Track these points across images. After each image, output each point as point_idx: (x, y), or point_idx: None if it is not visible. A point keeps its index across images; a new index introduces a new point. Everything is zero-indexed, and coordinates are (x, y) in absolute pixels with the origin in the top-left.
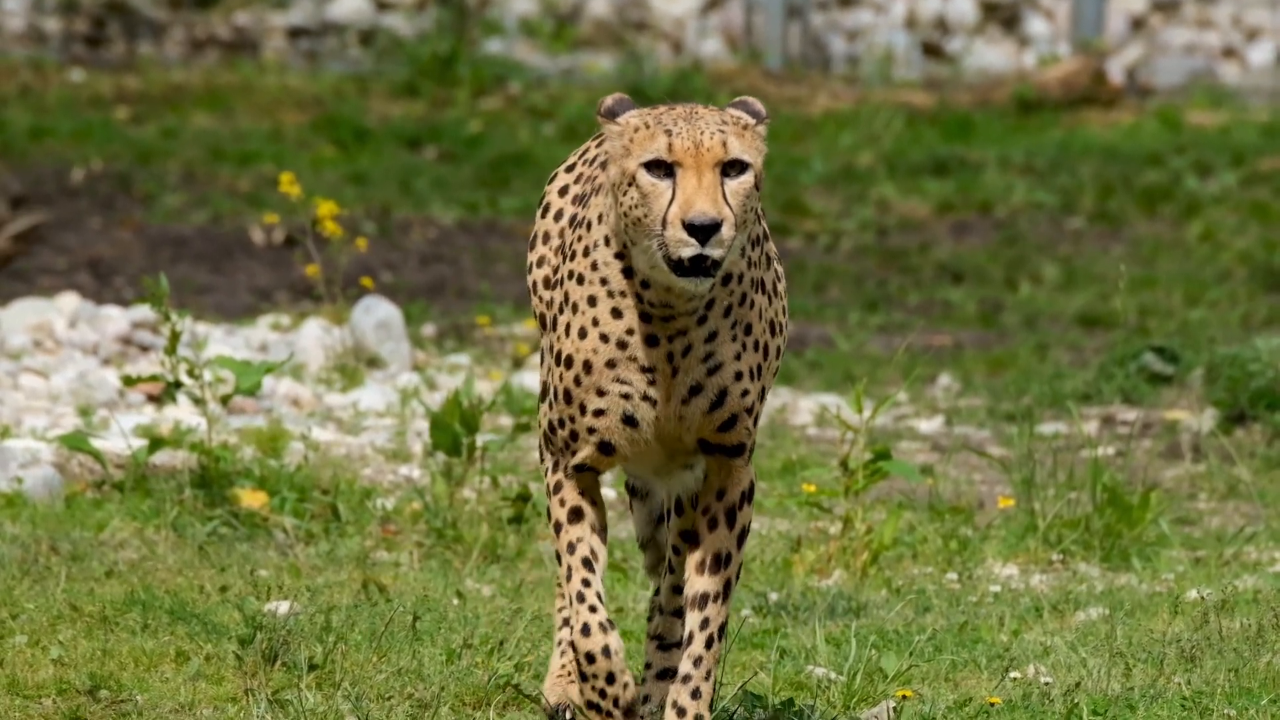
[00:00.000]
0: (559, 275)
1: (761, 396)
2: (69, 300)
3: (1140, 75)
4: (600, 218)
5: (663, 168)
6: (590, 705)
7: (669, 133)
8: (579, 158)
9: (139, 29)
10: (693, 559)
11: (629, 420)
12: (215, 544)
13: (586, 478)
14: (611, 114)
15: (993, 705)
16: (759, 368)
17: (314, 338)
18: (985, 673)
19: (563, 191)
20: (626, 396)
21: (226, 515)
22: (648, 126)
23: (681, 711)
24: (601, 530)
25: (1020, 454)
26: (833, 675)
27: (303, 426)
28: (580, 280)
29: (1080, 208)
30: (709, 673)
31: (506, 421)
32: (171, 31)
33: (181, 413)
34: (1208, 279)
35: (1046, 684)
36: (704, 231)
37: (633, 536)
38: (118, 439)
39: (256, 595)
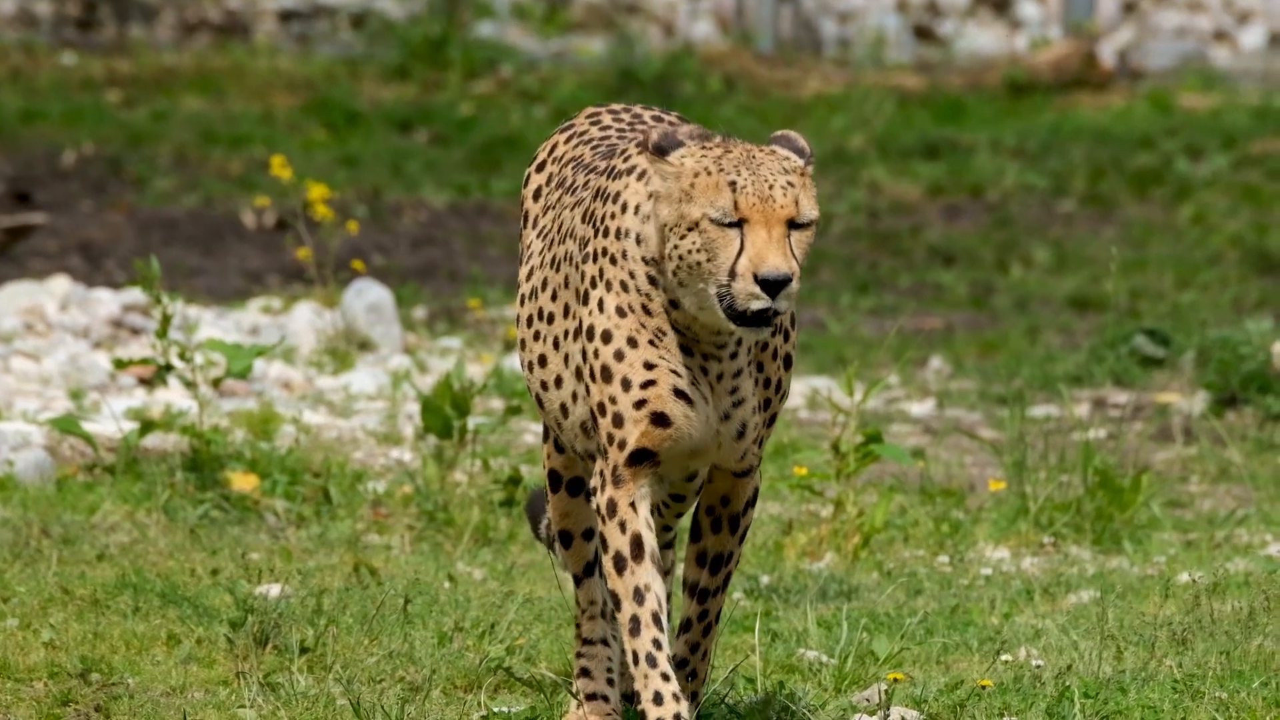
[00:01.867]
0: (590, 248)
1: (769, 424)
2: (60, 283)
3: (1132, 58)
4: (637, 208)
5: (729, 220)
6: None
7: (733, 185)
8: (548, 154)
9: (130, 12)
10: (693, 550)
11: (680, 394)
12: (206, 527)
13: (643, 479)
14: (661, 151)
15: (984, 688)
16: (767, 402)
17: (305, 321)
18: (976, 655)
19: (536, 195)
20: (676, 373)
21: (218, 498)
22: (709, 173)
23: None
24: (660, 564)
25: (1011, 437)
26: (824, 658)
27: (294, 409)
28: (614, 260)
29: (1071, 190)
30: (705, 654)
31: (498, 404)
32: (163, 14)
33: (173, 396)
34: (1199, 262)
35: (1038, 667)
36: (776, 286)
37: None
38: (109, 422)
39: (248, 578)
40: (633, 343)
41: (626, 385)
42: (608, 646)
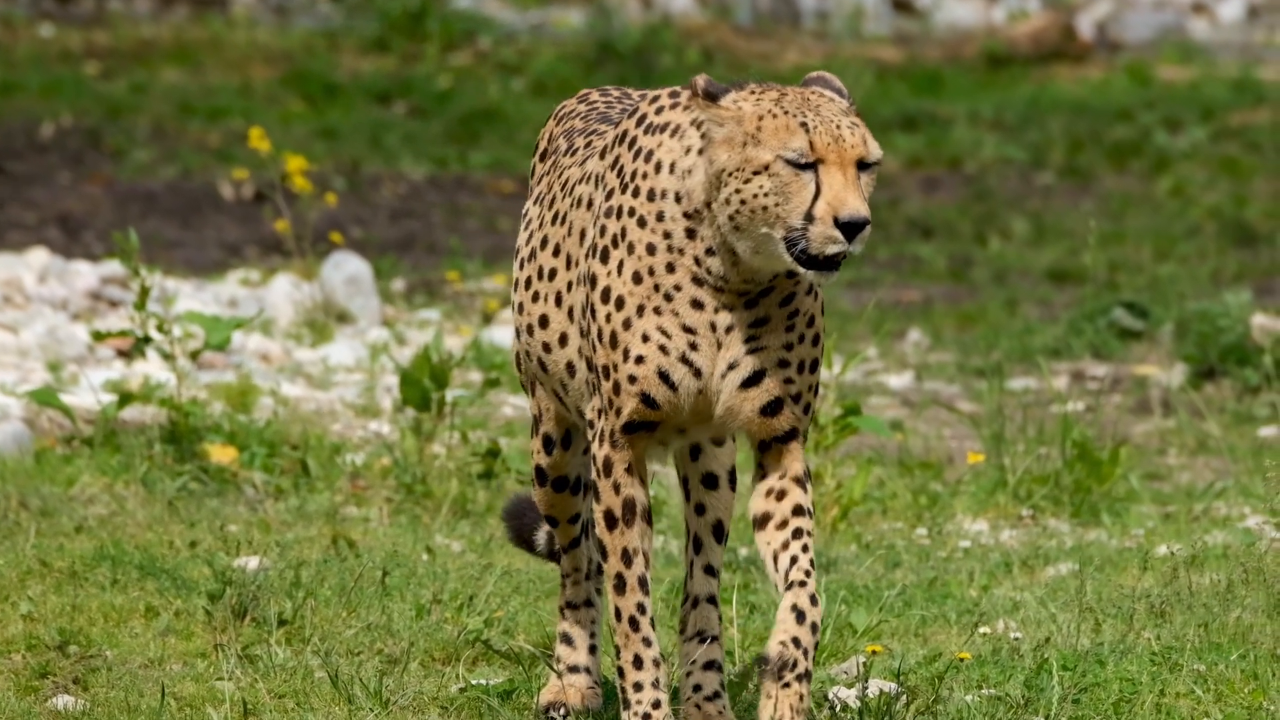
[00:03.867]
0: (613, 202)
1: (814, 390)
2: (38, 255)
3: (1110, 30)
4: (672, 166)
5: (802, 162)
6: None
7: (805, 126)
8: (547, 143)
9: None
10: (771, 524)
11: (664, 377)
12: (185, 499)
13: (638, 446)
14: (711, 96)
15: (962, 660)
16: (811, 362)
17: (283, 293)
18: (955, 628)
19: (539, 180)
20: (664, 350)
21: (196, 471)
22: (774, 116)
23: (802, 614)
24: (650, 520)
25: (990, 409)
26: None
27: (272, 382)
28: (642, 223)
29: (1050, 163)
30: (809, 571)
31: (476, 377)
32: None
33: (151, 368)
34: (1177, 234)
35: (1016, 639)
36: (854, 229)
37: None
38: (87, 394)
39: (226, 551)
40: (640, 311)
41: (627, 356)
42: (591, 608)
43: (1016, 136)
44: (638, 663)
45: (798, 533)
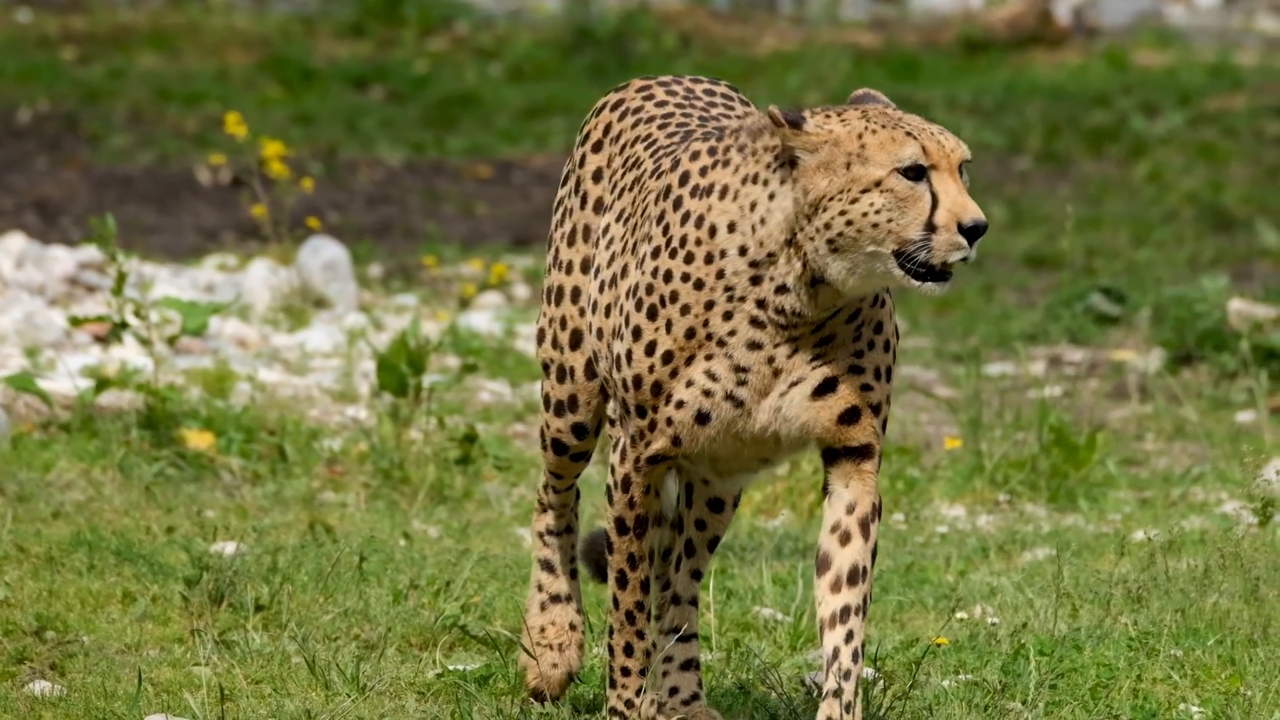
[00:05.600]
0: (660, 262)
1: (889, 403)
2: (15, 241)
3: (1087, 15)
4: (731, 226)
5: (914, 172)
6: (614, 713)
7: (911, 135)
8: (603, 134)
9: None
10: (826, 579)
11: (702, 418)
12: (162, 485)
13: (659, 470)
14: (795, 124)
15: (939, 645)
16: (884, 369)
17: (260, 278)
18: (932, 613)
19: (597, 177)
20: (708, 394)
21: (173, 456)
22: (874, 131)
23: None
24: (658, 522)
25: (967, 394)
26: (779, 616)
27: (249, 367)
28: (699, 285)
29: (1027, 148)
30: (856, 686)
31: (453, 362)
32: None
33: (128, 353)
34: (1154, 219)
35: (993, 624)
36: (976, 234)
37: (580, 476)
38: (64, 380)
39: (203, 536)
40: (689, 360)
41: (668, 401)
42: (571, 534)
43: (994, 122)
44: (629, 650)
45: (846, 616)
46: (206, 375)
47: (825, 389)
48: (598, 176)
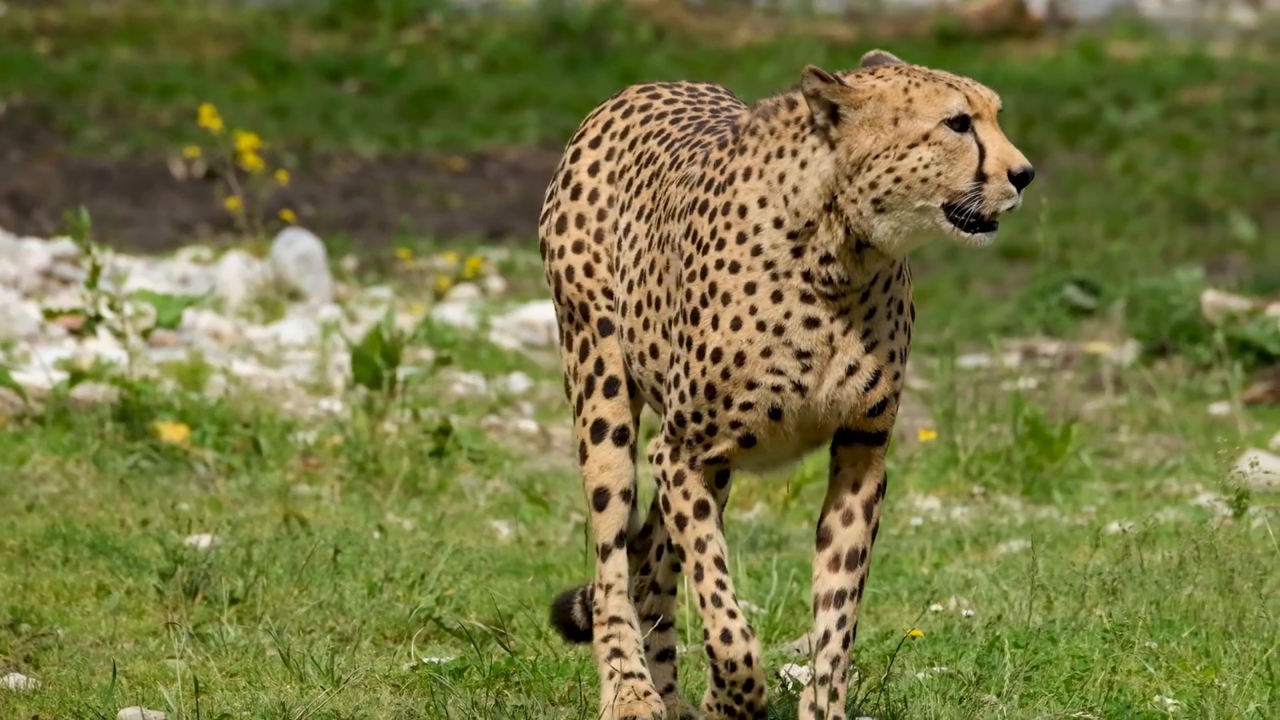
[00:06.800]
0: (694, 266)
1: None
2: None
3: (1061, 8)
4: (761, 201)
5: (960, 123)
6: (725, 709)
7: (952, 86)
8: (603, 131)
9: None
10: (825, 556)
11: (775, 413)
12: (136, 478)
13: (714, 469)
14: (838, 79)
15: (914, 638)
16: (905, 351)
17: (235, 271)
18: (907, 605)
19: (593, 171)
20: (777, 389)
21: (147, 449)
22: (917, 85)
23: (820, 714)
24: (720, 521)
25: (941, 387)
26: (754, 608)
27: (224, 360)
28: (735, 268)
29: None
30: (845, 673)
31: (427, 354)
32: None
33: (102, 346)
34: (1129, 211)
35: (968, 616)
36: (1025, 181)
37: (554, 469)
38: (38, 372)
39: (177, 529)
40: (740, 359)
41: (728, 404)
42: (634, 629)
43: None
44: (726, 637)
45: (841, 601)
46: (181, 368)
47: (873, 383)
48: (594, 170)
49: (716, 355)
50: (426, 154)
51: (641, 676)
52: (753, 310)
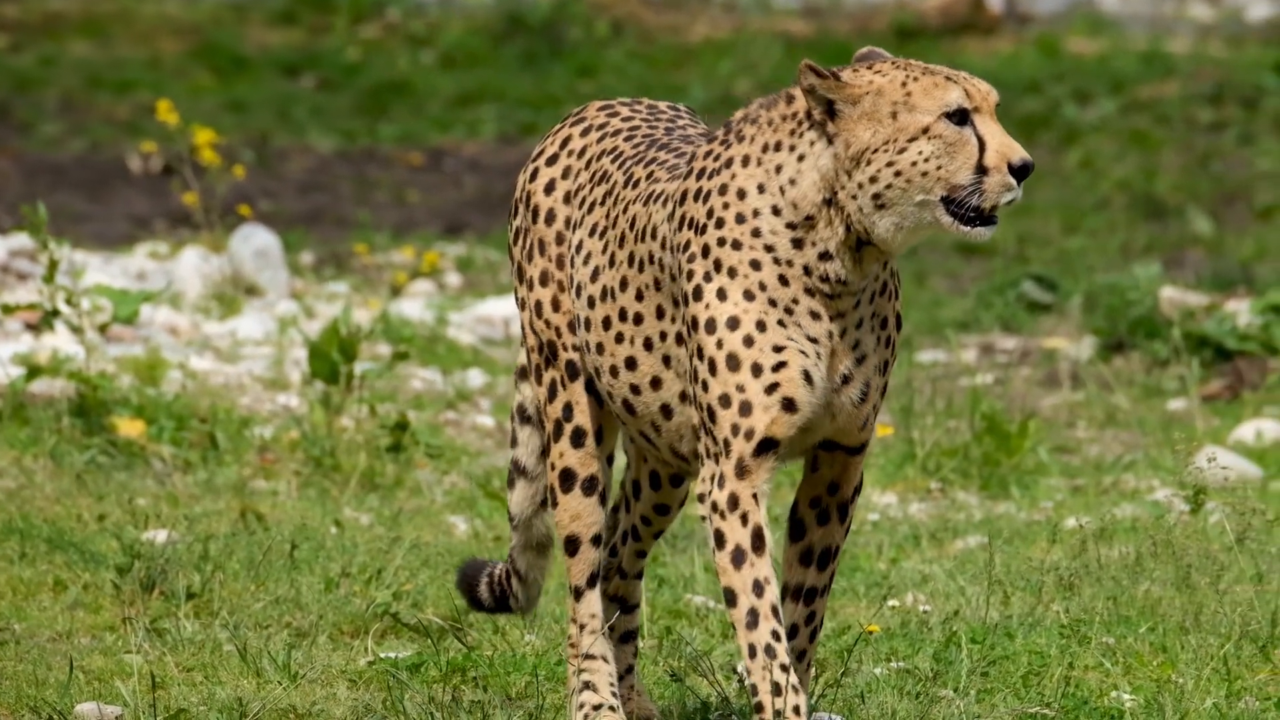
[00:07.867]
0: (693, 249)
1: (882, 393)
2: None
3: (1019, 3)
4: (760, 187)
5: (959, 117)
6: None
7: (951, 79)
8: (560, 148)
9: None
10: (796, 548)
11: (808, 376)
12: (93, 472)
13: (766, 469)
14: (834, 74)
15: (871, 633)
16: (886, 364)
17: (192, 266)
18: (864, 601)
19: (549, 188)
20: (804, 353)
21: (104, 444)
22: (915, 79)
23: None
24: (772, 552)
25: (899, 382)
26: (711, 604)
27: (181, 355)
28: (737, 246)
29: None
30: (810, 664)
31: (385, 350)
32: None
33: (60, 341)
34: (1086, 207)
35: (925, 612)
36: (1024, 174)
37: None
38: None
39: (134, 524)
40: (761, 326)
41: (757, 371)
42: (609, 664)
43: None
44: (777, 690)
45: (811, 598)
46: (138, 363)
47: (865, 397)
48: (550, 188)
49: (733, 323)
50: (384, 149)
51: (613, 709)
52: (762, 286)
